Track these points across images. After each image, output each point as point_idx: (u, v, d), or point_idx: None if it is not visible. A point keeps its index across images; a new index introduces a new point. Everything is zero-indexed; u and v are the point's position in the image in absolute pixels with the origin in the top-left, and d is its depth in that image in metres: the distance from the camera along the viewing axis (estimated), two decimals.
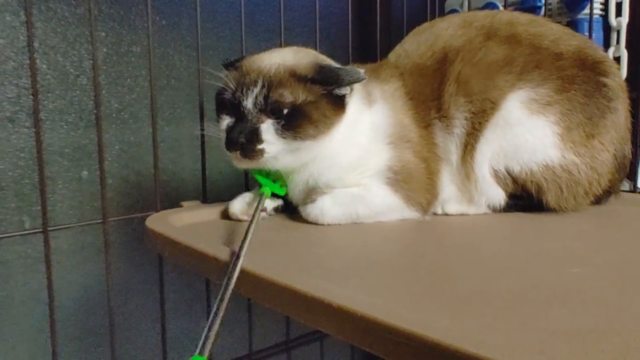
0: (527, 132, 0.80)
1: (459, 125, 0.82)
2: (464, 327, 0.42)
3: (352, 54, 1.27)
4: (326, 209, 0.79)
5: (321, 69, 0.76)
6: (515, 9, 1.13)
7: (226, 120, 0.77)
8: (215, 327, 0.49)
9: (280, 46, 1.10)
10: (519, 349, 0.38)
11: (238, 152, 0.74)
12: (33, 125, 1.07)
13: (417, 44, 0.90)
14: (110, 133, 1.20)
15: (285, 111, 0.73)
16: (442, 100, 0.83)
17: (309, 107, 0.74)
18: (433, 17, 1.23)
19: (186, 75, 1.29)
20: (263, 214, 0.85)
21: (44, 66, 1.10)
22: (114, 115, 1.20)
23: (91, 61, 1.15)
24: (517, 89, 0.80)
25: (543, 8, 1.11)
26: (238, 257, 0.59)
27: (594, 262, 0.61)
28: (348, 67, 0.78)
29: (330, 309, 0.47)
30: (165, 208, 0.95)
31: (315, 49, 1.15)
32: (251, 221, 0.68)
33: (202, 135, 0.94)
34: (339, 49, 1.29)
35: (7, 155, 1.06)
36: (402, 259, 0.66)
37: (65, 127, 1.13)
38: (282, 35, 1.12)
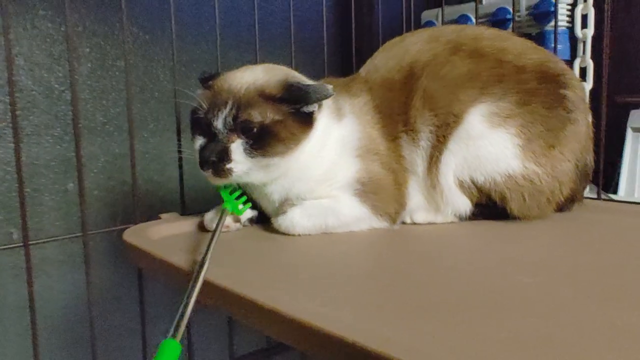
0: (489, 144, 0.83)
1: (425, 138, 0.86)
2: (406, 338, 0.45)
3: (334, 66, 1.31)
4: (296, 220, 0.82)
5: (289, 88, 0.79)
6: (487, 21, 1.17)
7: (199, 141, 0.80)
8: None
9: (256, 61, 1.14)
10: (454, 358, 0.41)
11: (210, 171, 0.78)
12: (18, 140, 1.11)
13: (386, 59, 0.93)
14: (96, 145, 1.23)
15: (254, 130, 0.77)
16: (408, 114, 0.86)
17: (277, 126, 0.77)
18: (409, 30, 1.26)
19: (170, 89, 1.33)
20: (237, 224, 0.88)
21: (29, 82, 1.13)
22: (98, 128, 1.23)
23: (76, 77, 1.19)
24: (479, 103, 0.83)
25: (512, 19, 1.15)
26: (201, 265, 0.62)
27: (548, 271, 0.64)
28: (317, 84, 0.81)
29: (285, 321, 0.50)
30: (151, 218, 0.98)
31: (291, 63, 1.19)
32: (213, 235, 0.72)
33: (179, 150, 0.97)
34: (320, 61, 1.32)
35: None
36: (365, 269, 0.69)
37: (51, 141, 1.17)
38: (257, 52, 1.15)
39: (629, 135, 1.78)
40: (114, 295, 1.24)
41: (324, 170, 0.84)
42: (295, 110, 0.79)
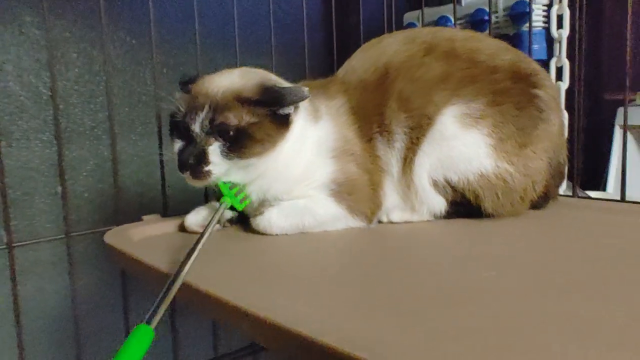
0: (461, 145, 0.85)
1: (399, 140, 0.87)
2: (371, 336, 0.46)
3: (322, 68, 1.32)
4: (274, 220, 0.84)
5: (265, 91, 0.81)
6: (466, 22, 1.18)
7: (178, 144, 0.82)
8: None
9: (238, 64, 1.16)
10: (405, 349, 0.43)
11: (188, 173, 0.80)
12: (7, 145, 1.14)
13: (363, 60, 0.95)
14: (85, 149, 1.26)
15: (230, 133, 0.79)
16: (383, 116, 0.88)
17: (253, 128, 0.79)
18: (391, 31, 1.28)
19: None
20: (217, 226, 0.90)
21: (17, 88, 1.15)
22: (87, 132, 1.26)
23: (64, 82, 1.22)
24: (450, 105, 0.85)
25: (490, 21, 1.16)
26: (189, 255, 0.65)
27: (513, 265, 0.66)
28: (292, 87, 0.83)
29: (257, 321, 0.51)
30: (140, 220, 1.00)
31: (271, 66, 1.21)
32: (205, 229, 0.73)
33: (161, 153, 0.99)
34: (305, 63, 1.34)
35: None
36: (337, 269, 0.71)
37: (40, 145, 1.19)
38: (238, 55, 1.17)
39: (617, 132, 1.79)
40: (101, 296, 1.26)
41: (300, 171, 0.86)
42: (272, 112, 0.81)
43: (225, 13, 1.44)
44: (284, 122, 0.83)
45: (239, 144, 0.79)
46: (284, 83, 0.87)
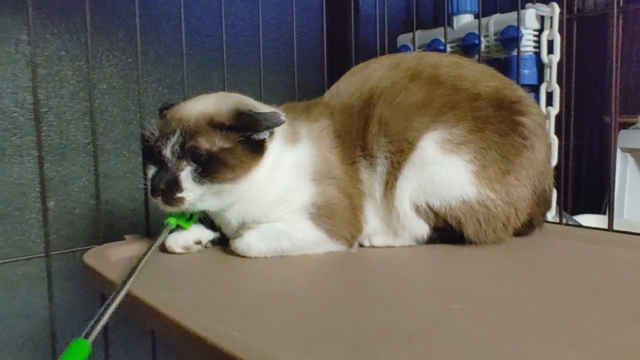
0: (442, 170, 0.84)
1: (381, 164, 0.87)
2: None
3: (319, 88, 1.33)
4: (252, 243, 0.84)
5: (239, 116, 0.81)
6: (457, 46, 1.18)
7: (151, 169, 0.83)
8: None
9: (223, 89, 1.17)
10: None
11: (160, 199, 0.80)
12: None
13: (349, 84, 0.95)
14: (77, 165, 1.27)
15: (202, 158, 0.79)
16: (366, 140, 0.88)
17: (225, 154, 0.79)
18: (384, 53, 1.29)
19: (153, 109, 1.36)
20: (198, 246, 0.90)
21: (12, 105, 1.17)
22: (80, 148, 1.27)
23: (58, 99, 1.23)
24: (431, 130, 0.85)
25: (482, 44, 1.16)
26: (129, 275, 0.65)
27: (481, 298, 0.65)
28: (268, 112, 0.83)
29: (203, 346, 0.52)
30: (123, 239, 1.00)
31: (260, 87, 1.22)
32: (148, 249, 0.74)
33: (144, 173, 0.99)
34: (311, 82, 1.34)
35: None
36: (302, 294, 0.70)
37: (32, 161, 1.20)
38: (225, 76, 1.18)
39: (619, 155, 1.77)
40: (82, 315, 1.26)
41: (277, 196, 0.86)
42: (245, 137, 0.81)
43: (220, 33, 1.46)
44: (258, 148, 0.83)
45: (211, 169, 0.79)
46: (261, 107, 0.87)
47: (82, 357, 0.51)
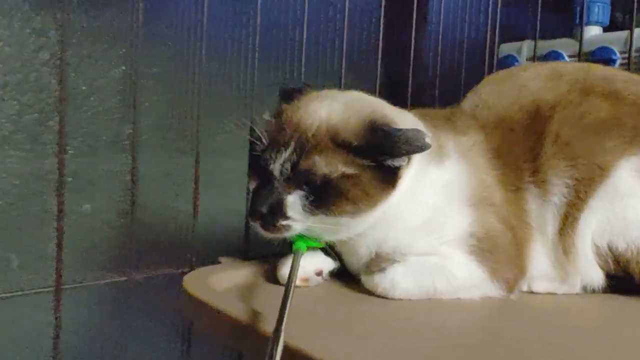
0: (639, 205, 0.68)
1: (559, 193, 0.71)
2: None
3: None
4: (397, 280, 0.66)
5: (372, 135, 0.63)
6: (587, 61, 1.05)
7: (253, 184, 0.67)
8: None
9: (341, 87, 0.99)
10: None
11: (259, 223, 0.64)
12: None
13: (498, 94, 0.79)
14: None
15: (317, 183, 0.62)
16: (537, 163, 0.72)
17: (345, 182, 0.63)
18: (484, 63, 1.16)
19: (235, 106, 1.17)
20: (318, 278, 0.72)
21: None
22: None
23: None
24: (629, 155, 0.69)
25: (618, 61, 1.02)
26: (277, 330, 0.47)
27: None
28: (410, 131, 0.64)
29: None
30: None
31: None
32: (287, 287, 0.56)
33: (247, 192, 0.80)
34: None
35: None
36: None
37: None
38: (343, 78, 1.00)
39: None
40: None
41: (425, 218, 0.69)
42: (377, 162, 0.64)
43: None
44: (391, 176, 0.65)
45: (326, 198, 0.63)
46: (396, 117, 0.69)
47: None
